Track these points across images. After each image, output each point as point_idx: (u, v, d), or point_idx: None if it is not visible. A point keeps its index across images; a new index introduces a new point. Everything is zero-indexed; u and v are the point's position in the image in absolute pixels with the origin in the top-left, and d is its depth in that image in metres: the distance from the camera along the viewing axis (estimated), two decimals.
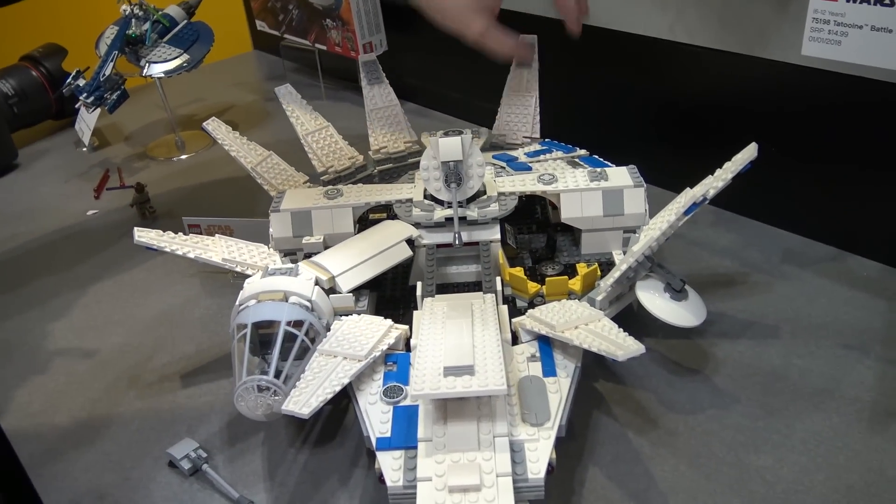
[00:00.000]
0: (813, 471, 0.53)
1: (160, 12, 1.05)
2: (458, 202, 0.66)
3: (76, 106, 1.08)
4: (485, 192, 0.69)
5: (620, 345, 0.49)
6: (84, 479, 0.58)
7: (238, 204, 0.91)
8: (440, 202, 0.68)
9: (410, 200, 0.69)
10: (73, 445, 0.61)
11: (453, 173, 0.65)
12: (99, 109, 1.06)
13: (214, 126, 0.79)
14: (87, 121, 1.12)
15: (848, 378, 0.60)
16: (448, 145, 0.64)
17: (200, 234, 0.74)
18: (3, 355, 0.73)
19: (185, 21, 1.06)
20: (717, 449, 0.55)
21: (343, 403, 0.62)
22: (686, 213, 0.54)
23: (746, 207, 0.82)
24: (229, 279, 0.69)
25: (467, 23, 0.66)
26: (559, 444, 0.53)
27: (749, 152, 0.59)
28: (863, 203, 0.72)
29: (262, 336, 0.59)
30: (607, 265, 0.67)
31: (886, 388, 0.59)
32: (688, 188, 0.62)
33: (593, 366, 0.63)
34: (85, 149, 1.14)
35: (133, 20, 1.04)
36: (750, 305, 0.69)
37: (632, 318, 0.62)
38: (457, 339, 0.51)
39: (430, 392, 0.46)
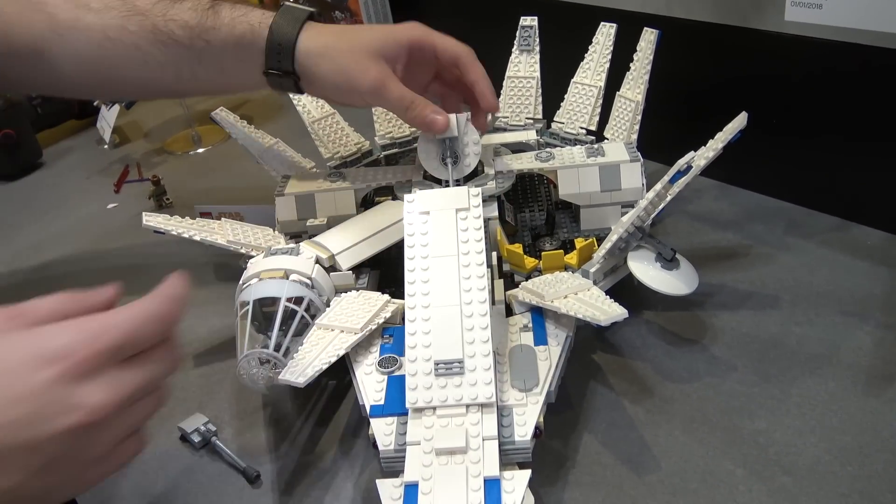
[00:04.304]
0: (806, 433, 0.53)
1: None
2: (456, 180, 0.67)
3: (95, 104, 1.12)
4: (482, 171, 0.70)
5: (605, 310, 0.50)
6: None
7: (251, 193, 0.93)
8: (439, 181, 0.69)
9: (410, 181, 0.71)
10: None
11: (449, 150, 0.66)
12: (117, 106, 1.10)
13: (222, 115, 0.82)
14: (108, 119, 1.15)
15: (846, 344, 0.60)
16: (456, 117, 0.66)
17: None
18: None
19: None
20: (711, 415, 0.56)
21: (345, 379, 0.63)
22: (671, 181, 0.54)
23: (750, 181, 0.82)
24: (240, 264, 0.71)
25: (363, 72, 0.63)
26: (552, 411, 0.54)
27: (739, 122, 0.59)
28: (867, 171, 0.72)
29: (266, 313, 0.61)
30: None
31: (884, 353, 0.59)
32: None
33: (591, 338, 0.64)
34: (106, 146, 1.18)
35: None
36: (751, 276, 0.69)
37: (631, 291, 0.62)
38: (444, 319, 0.52)
39: (424, 405, 0.49)
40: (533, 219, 0.75)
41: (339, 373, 0.58)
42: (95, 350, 0.36)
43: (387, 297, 0.60)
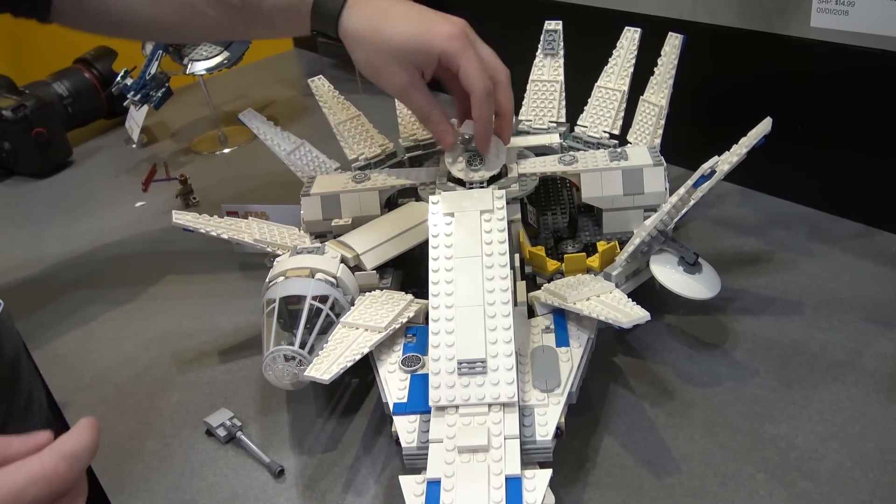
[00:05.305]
0: (828, 439, 0.53)
1: None
2: (480, 183, 0.68)
3: (125, 104, 1.14)
4: (506, 174, 0.70)
5: (627, 313, 0.51)
6: (128, 445, 0.62)
7: (276, 193, 0.95)
8: (463, 183, 0.70)
9: (434, 183, 0.72)
10: (118, 415, 0.66)
11: (475, 154, 0.67)
12: (146, 107, 1.12)
13: (249, 116, 0.83)
14: (136, 119, 1.17)
15: (869, 351, 0.60)
16: (470, 124, 0.67)
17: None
18: (56, 333, 0.78)
19: None
20: (732, 419, 0.56)
21: (368, 377, 0.64)
22: (695, 185, 0.55)
23: (774, 186, 0.81)
24: (265, 262, 0.73)
25: (391, 75, 0.65)
26: (573, 412, 0.55)
27: (763, 127, 0.59)
28: (892, 177, 0.71)
29: (292, 311, 0.62)
30: None
31: None
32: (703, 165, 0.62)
33: (613, 340, 0.65)
34: (135, 145, 1.20)
35: None
36: (773, 282, 0.69)
37: (653, 294, 0.63)
38: (467, 319, 0.53)
39: (447, 403, 0.49)
40: (555, 221, 0.76)
41: (362, 371, 0.59)
42: None
43: (410, 296, 0.61)
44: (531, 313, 0.60)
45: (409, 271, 0.70)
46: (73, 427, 0.38)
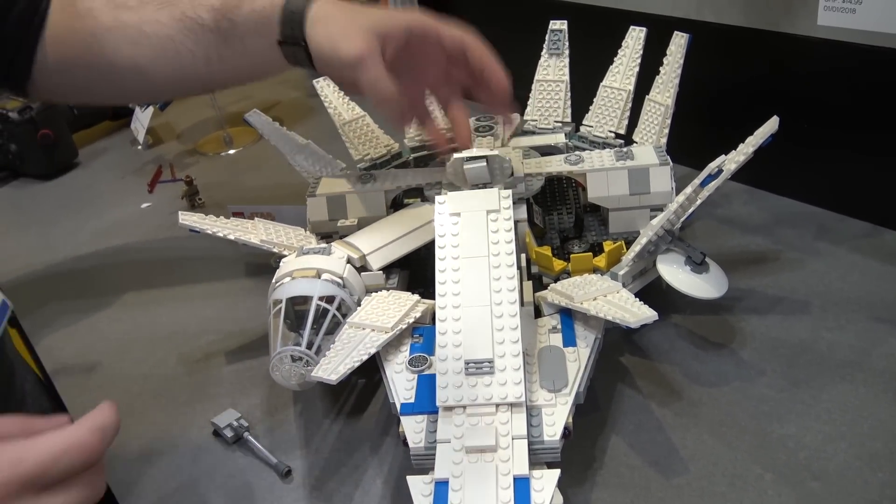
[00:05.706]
0: (836, 439, 0.53)
1: None
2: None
3: (130, 106, 1.14)
4: (512, 174, 0.70)
5: (634, 312, 0.51)
6: (135, 445, 0.62)
7: (282, 194, 0.95)
8: None
9: (440, 183, 0.72)
10: (126, 415, 0.64)
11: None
12: (151, 108, 1.12)
13: (255, 117, 0.83)
14: (142, 120, 1.18)
15: (877, 350, 0.60)
16: (475, 173, 0.66)
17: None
18: (63, 334, 0.78)
19: None
20: (740, 418, 0.56)
21: (374, 378, 0.64)
22: (702, 184, 0.55)
23: (780, 185, 0.81)
24: (271, 263, 0.73)
25: (347, 43, 0.60)
26: (581, 412, 0.54)
27: (770, 126, 0.59)
28: None
29: (298, 311, 0.62)
30: None
31: None
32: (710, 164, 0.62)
33: (620, 340, 0.65)
34: (140, 147, 1.20)
35: None
36: (780, 281, 0.69)
37: (660, 294, 0.62)
38: (474, 319, 0.53)
39: (454, 403, 0.49)
40: (561, 221, 0.76)
41: (369, 371, 0.59)
42: (12, 478, 0.35)
43: (417, 297, 0.61)
44: (538, 313, 0.60)
45: (416, 271, 0.70)
46: (95, 408, 0.40)
